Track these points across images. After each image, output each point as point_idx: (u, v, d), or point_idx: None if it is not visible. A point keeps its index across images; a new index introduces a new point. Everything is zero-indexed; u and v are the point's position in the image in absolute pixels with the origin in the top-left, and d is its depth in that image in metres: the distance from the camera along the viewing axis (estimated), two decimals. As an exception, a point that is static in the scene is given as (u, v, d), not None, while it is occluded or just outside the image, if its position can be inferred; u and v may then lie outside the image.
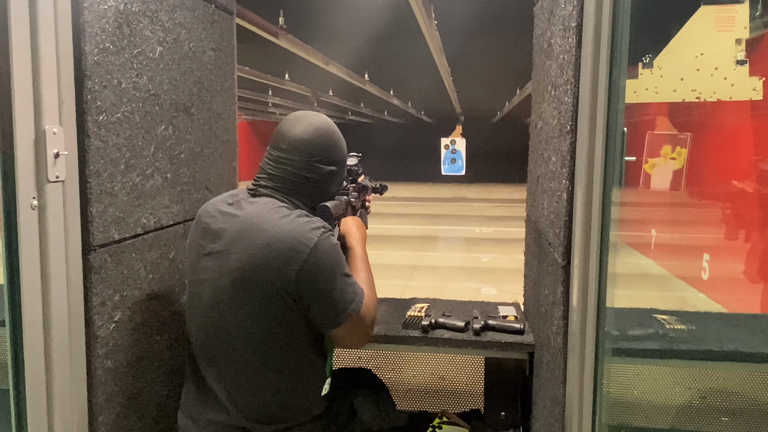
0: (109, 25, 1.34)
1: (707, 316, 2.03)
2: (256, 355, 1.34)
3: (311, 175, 1.41)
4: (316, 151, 1.41)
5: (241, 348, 1.33)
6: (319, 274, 1.30)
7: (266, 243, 1.28)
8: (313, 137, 1.41)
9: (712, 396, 2.06)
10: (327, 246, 1.31)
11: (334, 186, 1.49)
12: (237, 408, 1.35)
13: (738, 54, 1.40)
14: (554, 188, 1.45)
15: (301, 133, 1.41)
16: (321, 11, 4.94)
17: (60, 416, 1.24)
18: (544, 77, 1.65)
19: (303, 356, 1.38)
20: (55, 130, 1.18)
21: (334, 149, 1.45)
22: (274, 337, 1.33)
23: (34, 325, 1.18)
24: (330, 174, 1.44)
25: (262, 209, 1.35)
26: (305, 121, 1.43)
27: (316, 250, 1.29)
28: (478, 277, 6.55)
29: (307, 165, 1.40)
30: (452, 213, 12.49)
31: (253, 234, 1.30)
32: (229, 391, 1.35)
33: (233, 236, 1.33)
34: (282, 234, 1.29)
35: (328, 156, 1.43)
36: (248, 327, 1.32)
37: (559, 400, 1.34)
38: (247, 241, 1.30)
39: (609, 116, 1.14)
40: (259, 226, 1.31)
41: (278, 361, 1.35)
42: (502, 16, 4.71)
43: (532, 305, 1.86)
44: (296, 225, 1.31)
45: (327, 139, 1.43)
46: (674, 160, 1.81)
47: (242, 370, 1.35)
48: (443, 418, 1.97)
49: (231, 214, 1.37)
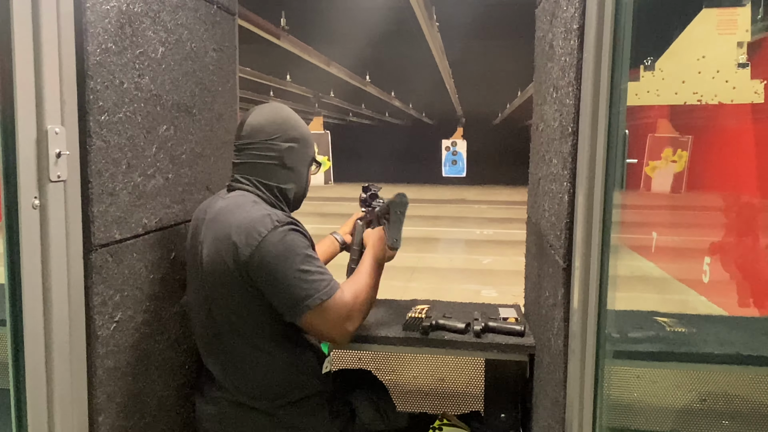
0: (112, 26, 1.34)
1: (708, 318, 2.03)
2: (242, 339, 1.44)
3: (271, 153, 1.52)
4: (272, 129, 1.52)
5: (228, 333, 1.45)
6: (268, 264, 1.37)
7: (225, 234, 1.41)
8: (266, 119, 1.53)
9: (713, 399, 2.06)
10: (277, 238, 1.39)
11: (297, 163, 1.57)
12: (233, 387, 1.47)
13: (739, 57, 1.40)
14: (555, 190, 1.45)
15: (255, 118, 1.54)
16: (322, 12, 4.95)
17: (60, 416, 1.23)
18: (546, 79, 1.65)
19: (289, 337, 1.47)
20: (57, 130, 1.18)
21: (288, 128, 1.55)
22: (253, 322, 1.43)
23: (35, 324, 1.18)
24: (289, 150, 1.54)
25: (230, 204, 1.47)
26: (258, 110, 1.57)
27: (266, 241, 1.37)
28: (478, 278, 6.55)
29: (265, 144, 1.52)
30: (453, 215, 12.49)
31: (216, 228, 1.44)
32: (224, 372, 1.47)
33: (203, 232, 1.48)
34: (237, 225, 1.40)
35: (283, 134, 1.53)
36: (228, 314, 1.44)
37: (560, 402, 1.34)
38: (210, 236, 1.44)
39: (610, 118, 1.14)
40: (222, 221, 1.44)
41: (265, 342, 1.45)
42: (504, 18, 4.72)
43: (533, 307, 1.86)
44: (254, 217, 1.41)
45: (279, 120, 1.55)
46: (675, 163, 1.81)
47: (232, 354, 1.46)
48: (443, 420, 1.97)
49: (205, 210, 1.53)
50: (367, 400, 1.77)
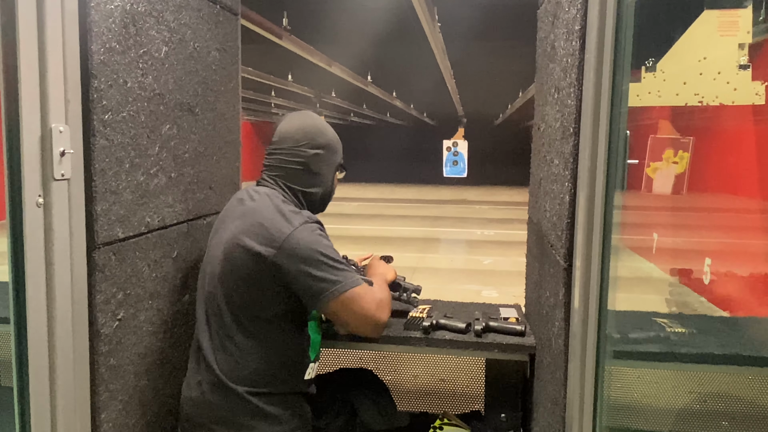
0: (116, 25, 1.34)
1: (708, 319, 2.03)
2: (238, 321, 1.51)
3: (297, 159, 1.62)
4: (300, 137, 1.63)
5: (227, 314, 1.51)
6: (300, 250, 1.46)
7: (255, 222, 1.50)
8: (296, 127, 1.64)
9: (713, 400, 2.07)
10: (307, 231, 1.49)
11: (323, 168, 1.67)
12: (220, 368, 1.50)
13: (741, 58, 1.40)
14: (557, 191, 1.45)
15: (287, 125, 1.65)
16: (325, 13, 4.96)
17: (63, 413, 1.24)
18: (548, 80, 1.65)
19: (281, 330, 1.53)
20: (61, 129, 1.19)
21: (315, 135, 1.65)
22: (253, 307, 1.50)
23: (39, 322, 1.19)
24: (316, 156, 1.64)
25: (262, 198, 1.57)
26: (291, 118, 1.68)
27: (293, 236, 1.47)
28: (479, 279, 6.55)
29: (294, 150, 1.62)
30: (454, 215, 12.49)
31: (247, 216, 1.53)
32: (216, 352, 1.52)
33: (233, 218, 1.57)
34: (270, 216, 1.50)
35: (311, 141, 1.63)
36: (232, 295, 1.51)
37: (560, 402, 1.34)
38: (241, 221, 1.53)
39: (612, 119, 1.15)
40: (253, 211, 1.54)
41: (257, 329, 1.50)
42: (506, 19, 4.72)
43: (534, 307, 1.86)
44: (286, 210, 1.52)
45: (307, 127, 1.65)
46: (676, 164, 1.81)
47: (227, 335, 1.51)
48: (444, 420, 1.97)
49: (240, 200, 1.62)
50: (367, 399, 1.78)
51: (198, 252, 1.80)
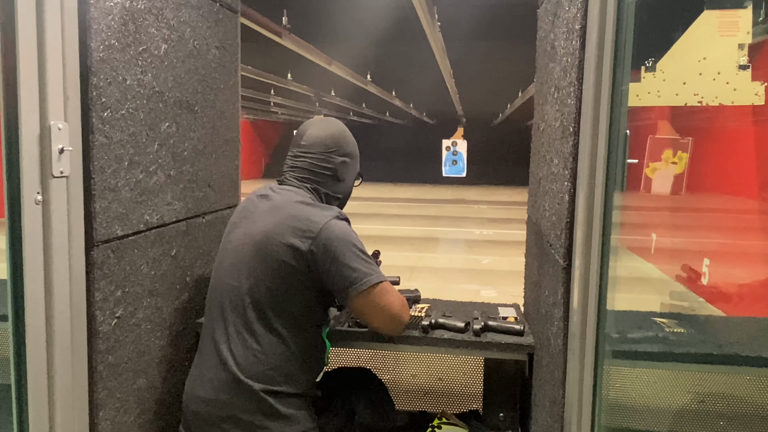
0: (115, 22, 1.34)
1: (707, 319, 2.03)
2: (262, 315, 1.50)
3: (327, 165, 1.65)
4: (331, 143, 1.66)
5: (251, 308, 1.50)
6: (332, 244, 1.49)
7: (289, 215, 1.52)
8: (328, 133, 1.67)
9: (711, 400, 2.07)
10: (340, 224, 1.53)
11: (347, 176, 1.71)
12: (235, 362, 1.48)
13: (740, 59, 1.40)
14: (556, 190, 1.45)
15: (318, 131, 1.67)
16: (324, 11, 4.96)
17: (61, 411, 1.24)
18: (548, 79, 1.65)
19: (304, 329, 1.53)
20: (60, 126, 1.19)
21: (345, 144, 1.69)
22: (281, 301, 1.50)
23: (37, 320, 1.18)
24: (343, 164, 1.68)
25: (290, 195, 1.60)
26: (321, 123, 1.70)
27: (329, 225, 1.50)
28: (477, 278, 6.55)
29: (323, 156, 1.65)
30: (453, 215, 12.50)
31: (278, 210, 1.55)
32: (232, 347, 1.50)
33: (261, 212, 1.57)
34: (303, 211, 1.53)
35: (340, 149, 1.67)
36: (258, 288, 1.50)
37: (559, 401, 1.34)
38: (271, 215, 1.55)
39: (612, 119, 1.15)
40: (284, 205, 1.56)
41: (280, 325, 1.50)
42: (506, 19, 4.72)
43: (532, 307, 1.86)
44: (315, 208, 1.56)
45: (339, 136, 1.68)
46: (675, 165, 1.81)
47: (249, 329, 1.49)
48: (442, 419, 1.97)
49: (263, 195, 1.63)
50: (366, 398, 1.78)
51: (197, 250, 1.80)
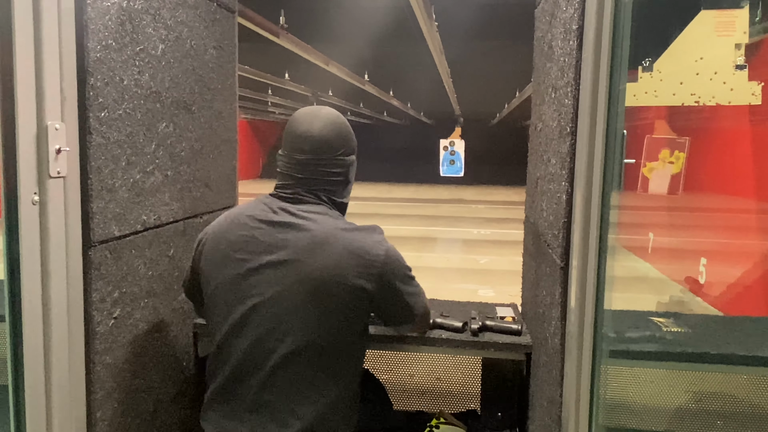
0: (112, 22, 1.34)
1: (704, 319, 2.03)
2: (318, 361, 1.34)
3: (339, 169, 1.45)
4: (338, 144, 1.44)
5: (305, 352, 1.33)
6: (395, 278, 1.40)
7: (346, 250, 1.34)
8: (333, 134, 1.43)
9: (708, 399, 2.07)
10: (392, 251, 1.41)
11: (353, 176, 1.53)
12: (296, 416, 1.32)
13: (737, 59, 1.40)
14: (553, 190, 1.45)
15: (321, 131, 1.42)
16: (322, 11, 4.96)
17: (58, 412, 1.24)
18: (545, 79, 1.65)
19: (353, 368, 1.43)
20: (57, 126, 1.19)
21: (350, 139, 1.49)
22: (338, 343, 1.36)
23: (34, 320, 1.18)
24: (352, 164, 1.49)
25: (323, 218, 1.39)
26: (319, 119, 1.44)
27: (389, 257, 1.38)
28: (475, 278, 6.56)
29: (334, 160, 1.43)
30: (450, 214, 12.50)
31: (328, 242, 1.34)
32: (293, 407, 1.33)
33: (304, 246, 1.34)
34: (355, 242, 1.35)
35: (347, 147, 1.47)
36: (315, 332, 1.33)
37: (556, 401, 1.35)
38: (323, 250, 1.34)
39: (609, 119, 1.15)
40: (329, 235, 1.35)
41: (336, 368, 1.37)
42: (503, 19, 4.73)
43: (530, 306, 1.86)
44: (362, 233, 1.39)
45: (344, 132, 1.46)
46: (672, 164, 1.82)
47: (310, 383, 1.34)
48: (440, 419, 1.98)
49: (289, 224, 1.37)
50: (363, 398, 1.78)
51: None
